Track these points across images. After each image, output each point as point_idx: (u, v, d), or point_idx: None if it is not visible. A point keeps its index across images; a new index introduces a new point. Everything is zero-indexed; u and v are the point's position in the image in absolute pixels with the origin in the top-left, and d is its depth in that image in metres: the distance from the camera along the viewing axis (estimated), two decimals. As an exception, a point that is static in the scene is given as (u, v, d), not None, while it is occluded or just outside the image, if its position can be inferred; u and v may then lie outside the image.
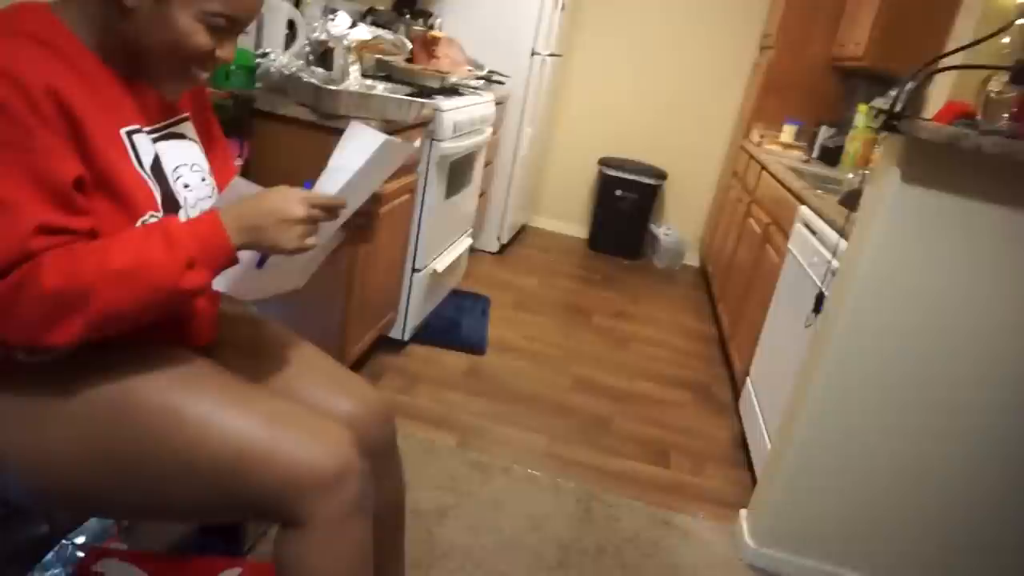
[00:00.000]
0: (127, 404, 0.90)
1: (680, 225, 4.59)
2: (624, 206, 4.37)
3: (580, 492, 2.01)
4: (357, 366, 2.39)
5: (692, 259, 4.61)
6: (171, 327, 0.99)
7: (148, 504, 0.95)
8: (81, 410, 0.90)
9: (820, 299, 1.87)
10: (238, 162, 1.77)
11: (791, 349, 2.08)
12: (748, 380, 2.54)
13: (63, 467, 0.90)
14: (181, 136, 1.03)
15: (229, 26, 0.92)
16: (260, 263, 0.96)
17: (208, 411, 0.92)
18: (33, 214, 0.78)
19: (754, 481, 2.04)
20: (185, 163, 1.01)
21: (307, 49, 2.25)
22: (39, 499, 0.93)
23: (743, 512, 1.96)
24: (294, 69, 2.03)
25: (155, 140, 0.97)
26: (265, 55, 2.01)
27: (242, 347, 1.12)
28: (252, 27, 2.10)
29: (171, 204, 0.95)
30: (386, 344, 2.60)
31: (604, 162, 4.39)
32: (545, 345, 2.94)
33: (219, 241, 0.86)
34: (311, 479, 0.90)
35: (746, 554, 1.86)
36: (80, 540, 1.28)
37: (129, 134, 0.92)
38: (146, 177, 0.93)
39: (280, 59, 2.03)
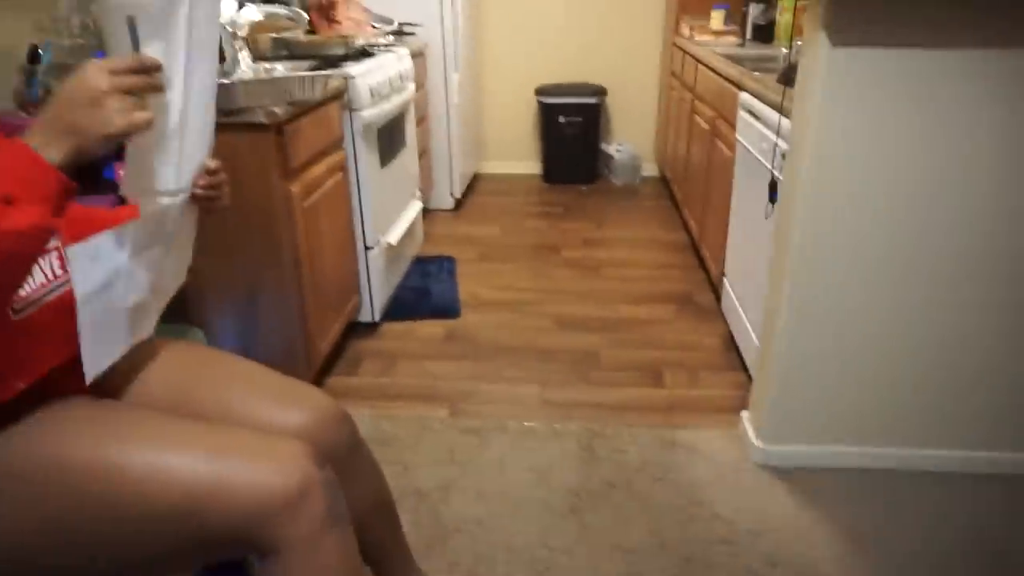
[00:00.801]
0: (63, 468, 0.83)
1: (632, 138, 4.49)
2: (570, 132, 4.26)
3: (581, 433, 1.97)
4: (331, 359, 2.32)
5: (651, 169, 4.52)
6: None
7: (118, 565, 0.88)
8: (13, 483, 0.83)
9: (774, 186, 1.80)
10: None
11: (758, 241, 2.03)
12: (725, 280, 2.50)
13: (15, 544, 0.83)
14: None
15: None
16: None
17: (148, 459, 0.85)
18: None
19: (751, 381, 2.02)
20: None
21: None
22: None
23: (744, 414, 1.94)
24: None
25: None
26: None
27: (173, 381, 1.04)
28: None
29: None
30: (359, 329, 2.53)
31: (540, 91, 4.25)
32: (519, 292, 2.88)
33: (30, 164, 0.74)
34: (272, 503, 0.85)
35: (756, 455, 1.84)
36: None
37: None
38: None
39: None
